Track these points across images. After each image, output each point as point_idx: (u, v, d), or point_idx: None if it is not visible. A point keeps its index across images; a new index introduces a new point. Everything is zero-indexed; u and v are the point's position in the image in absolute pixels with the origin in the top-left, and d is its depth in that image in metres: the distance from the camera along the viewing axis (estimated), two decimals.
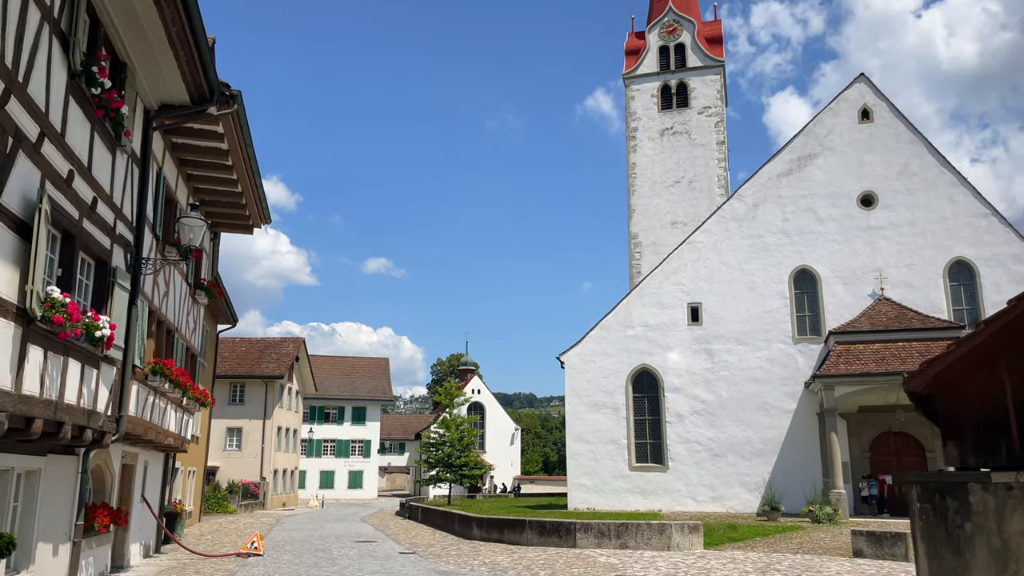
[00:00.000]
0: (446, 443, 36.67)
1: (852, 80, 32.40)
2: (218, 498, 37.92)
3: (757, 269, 31.64)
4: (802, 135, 32.31)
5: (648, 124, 47.52)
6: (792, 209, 31.76)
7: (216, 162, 14.70)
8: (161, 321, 14.01)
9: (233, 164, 14.65)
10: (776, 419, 30.19)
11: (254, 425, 44.39)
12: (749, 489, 29.93)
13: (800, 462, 29.39)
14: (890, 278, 30.05)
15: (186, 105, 12.08)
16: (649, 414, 31.78)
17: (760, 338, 30.98)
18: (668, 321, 32.08)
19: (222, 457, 43.55)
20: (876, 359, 27.26)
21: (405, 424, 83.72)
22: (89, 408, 9.87)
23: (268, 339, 48.92)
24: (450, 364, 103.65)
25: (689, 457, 30.78)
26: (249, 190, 16.01)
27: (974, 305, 29.24)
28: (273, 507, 44.77)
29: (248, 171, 15.05)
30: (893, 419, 28.63)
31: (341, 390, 66.15)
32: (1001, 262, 29.19)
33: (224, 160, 14.42)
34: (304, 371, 51.98)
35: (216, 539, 22.24)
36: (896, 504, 28.02)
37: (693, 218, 43.22)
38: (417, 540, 21.70)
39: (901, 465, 28.93)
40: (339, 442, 65.50)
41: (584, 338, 32.86)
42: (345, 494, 64.14)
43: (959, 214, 29.93)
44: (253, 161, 14.86)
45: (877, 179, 31.04)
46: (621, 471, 31.34)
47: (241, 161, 14.57)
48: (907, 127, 31.12)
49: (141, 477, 15.55)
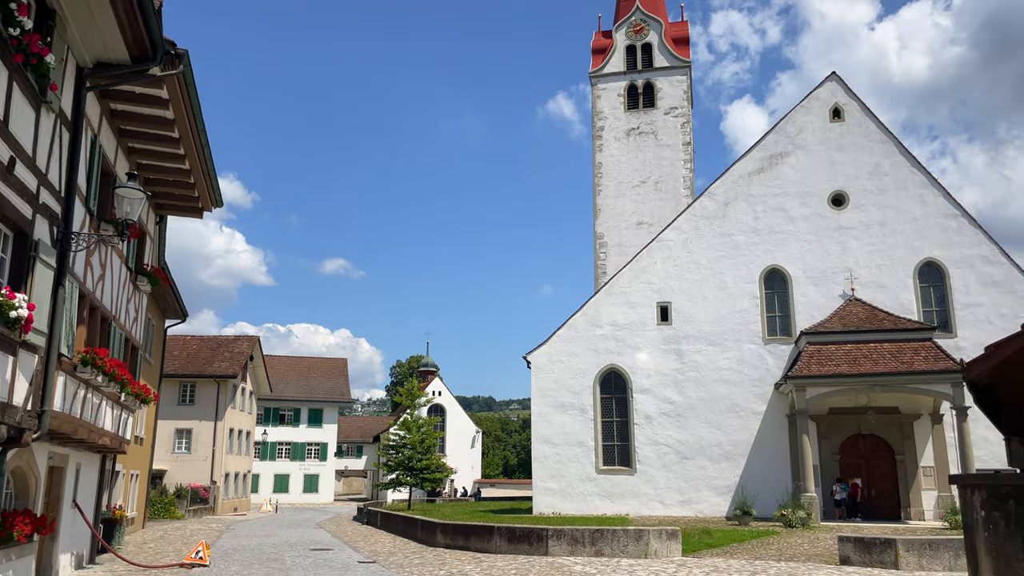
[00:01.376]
0: (407, 445, 35.39)
1: (823, 79, 32.07)
2: (165, 503, 36.12)
3: (727, 268, 31.07)
4: (773, 133, 31.87)
5: (615, 124, 46.91)
6: (763, 208, 31.27)
7: (161, 134, 13.36)
8: (95, 307, 12.62)
9: (180, 137, 13.33)
10: (746, 421, 29.62)
11: (205, 427, 42.50)
12: (718, 492, 29.28)
13: (769, 465, 28.85)
14: (860, 279, 29.71)
15: (125, 64, 10.79)
16: (617, 415, 30.96)
17: (730, 338, 30.39)
18: (637, 320, 31.32)
19: (170, 460, 41.59)
20: (848, 360, 26.80)
21: (363, 426, 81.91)
22: (3, 400, 8.54)
23: (221, 337, 47.03)
24: (410, 366, 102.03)
25: (657, 460, 30.03)
26: (198, 167, 14.67)
27: (944, 307, 29.04)
28: (224, 512, 42.93)
29: (197, 145, 13.74)
30: (863, 421, 28.27)
31: (297, 391, 64.30)
32: (971, 263, 29.03)
33: (170, 131, 13.10)
34: (259, 371, 50.12)
35: (159, 548, 20.70)
36: (868, 508, 27.63)
37: (659, 219, 42.84)
38: (377, 548, 20.46)
39: (871, 468, 28.60)
40: (294, 445, 63.62)
41: (551, 337, 31.92)
42: (300, 498, 62.29)
43: (929, 215, 29.73)
44: (203, 134, 13.56)
45: (848, 179, 30.71)
46: (588, 474, 30.44)
47: (189, 134, 13.26)
48: (878, 127, 30.86)
49: (72, 481, 14.09)
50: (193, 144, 13.62)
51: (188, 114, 12.65)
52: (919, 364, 25.86)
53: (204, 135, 13.61)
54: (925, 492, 27.59)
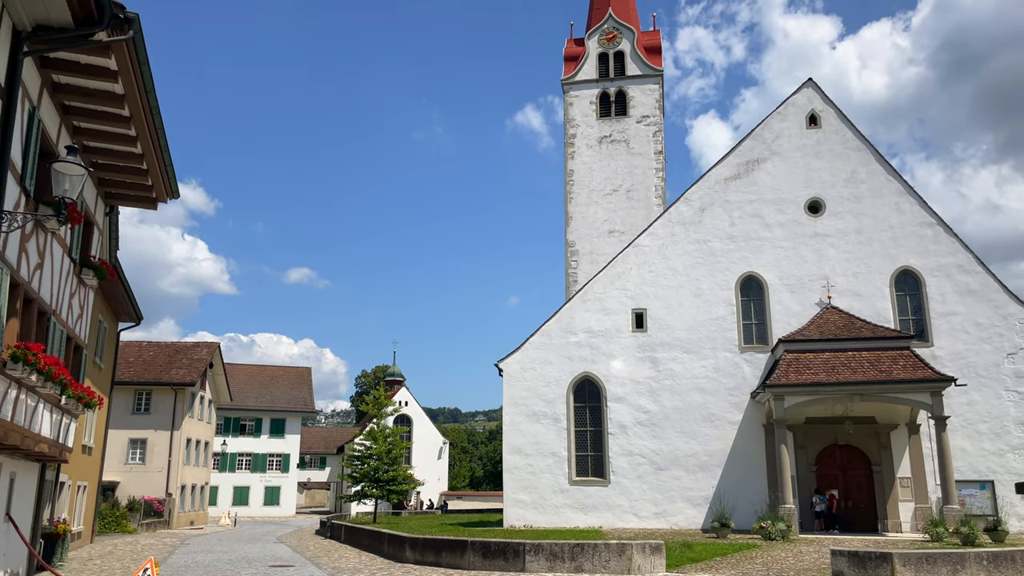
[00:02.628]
0: (373, 456, 34.12)
1: (800, 85, 31.78)
2: (116, 516, 34.40)
3: (704, 275, 30.49)
4: (750, 139, 31.46)
5: (586, 131, 46.42)
6: (739, 214, 30.79)
7: (110, 111, 12.24)
8: (31, 299, 11.43)
9: (131, 115, 12.21)
10: (722, 430, 28.97)
11: (161, 436, 40.76)
12: (693, 504, 28.55)
13: (745, 476, 28.21)
14: (837, 286, 29.32)
15: (68, 27, 9.72)
16: (591, 425, 30.11)
17: (706, 346, 29.77)
18: (612, 327, 30.58)
19: (123, 471, 39.78)
20: (826, 369, 26.32)
21: (327, 437, 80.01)
22: None
23: (179, 343, 45.28)
24: (375, 376, 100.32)
25: (632, 471, 29.22)
26: (152, 151, 13.53)
27: (920, 315, 28.75)
28: (180, 526, 41.15)
29: (150, 125, 12.62)
30: (840, 431, 27.80)
31: (259, 400, 62.45)
32: (947, 272, 28.81)
33: (119, 108, 11.98)
34: (219, 379, 48.42)
35: (105, 565, 19.29)
36: (844, 519, 27.11)
37: (631, 227, 42.52)
38: (341, 564, 19.28)
39: (847, 479, 28.11)
40: (255, 456, 61.70)
41: (524, 344, 31.02)
42: (261, 511, 60.37)
43: (905, 223, 29.48)
44: (156, 113, 12.45)
45: (824, 186, 30.38)
46: (561, 486, 29.51)
47: (141, 112, 12.15)
48: (854, 134, 30.61)
49: (5, 492, 12.81)
50: (145, 123, 12.50)
51: (139, 89, 11.56)
52: (898, 373, 25.45)
53: (158, 114, 12.51)
54: (902, 503, 27.15)
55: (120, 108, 11.96)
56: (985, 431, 27.15)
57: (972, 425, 27.19)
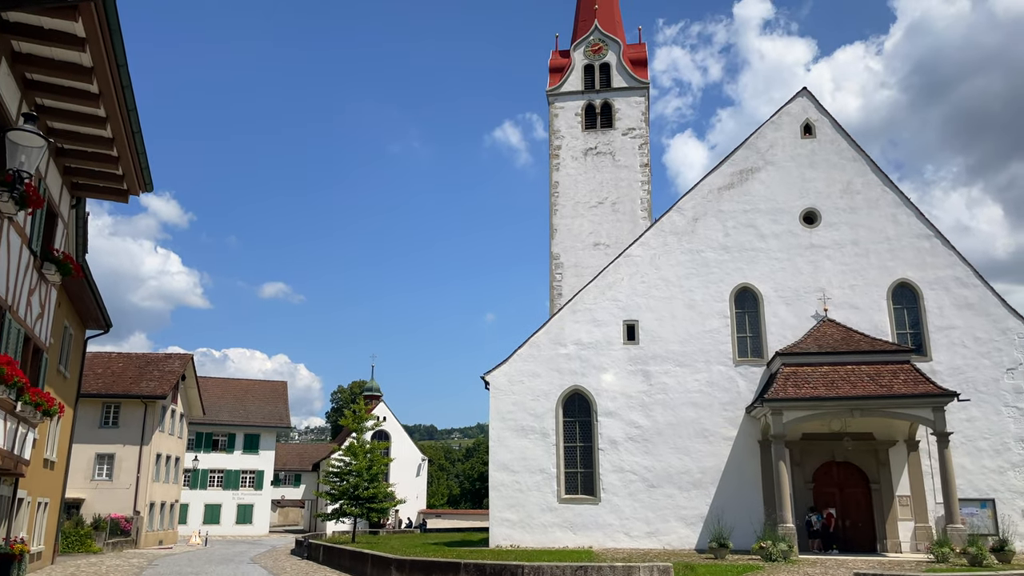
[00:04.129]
0: (352, 472, 32.73)
1: (795, 94, 31.26)
2: (80, 535, 32.74)
3: (697, 286, 29.69)
4: (744, 148, 30.82)
5: (572, 143, 45.80)
6: (733, 224, 30.08)
7: (78, 88, 11.11)
8: None
9: (101, 92, 11.09)
10: (716, 446, 28.04)
11: (129, 451, 39.04)
12: (687, 523, 27.53)
13: (740, 493, 27.29)
14: (833, 299, 28.63)
15: None
16: (581, 440, 29.05)
17: (700, 359, 28.90)
18: (603, 339, 29.62)
19: (88, 488, 37.98)
20: (825, 383, 25.53)
21: (302, 453, 78.06)
22: None
23: (150, 355, 43.63)
24: (352, 391, 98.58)
25: (623, 488, 28.17)
26: (123, 135, 12.39)
27: (918, 329, 28.11)
28: (148, 545, 39.36)
29: (121, 104, 11.50)
30: (837, 447, 26.96)
31: (233, 415, 60.66)
32: (945, 285, 28.24)
33: (88, 83, 10.86)
34: (191, 392, 46.74)
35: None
36: (842, 539, 26.22)
37: (616, 240, 41.96)
38: None
39: (845, 497, 27.26)
40: (228, 472, 59.79)
41: (512, 356, 29.95)
42: (233, 530, 58.40)
43: (902, 235, 28.92)
44: (128, 91, 11.34)
45: (820, 196, 29.79)
46: (549, 504, 28.36)
47: (112, 89, 11.04)
48: (850, 144, 30.09)
49: None
50: (116, 102, 11.38)
51: (110, 62, 10.46)
52: (899, 388, 24.72)
53: (130, 92, 11.39)
54: (901, 522, 26.34)
55: (88, 83, 10.84)
56: (985, 448, 26.47)
57: (972, 442, 26.51)
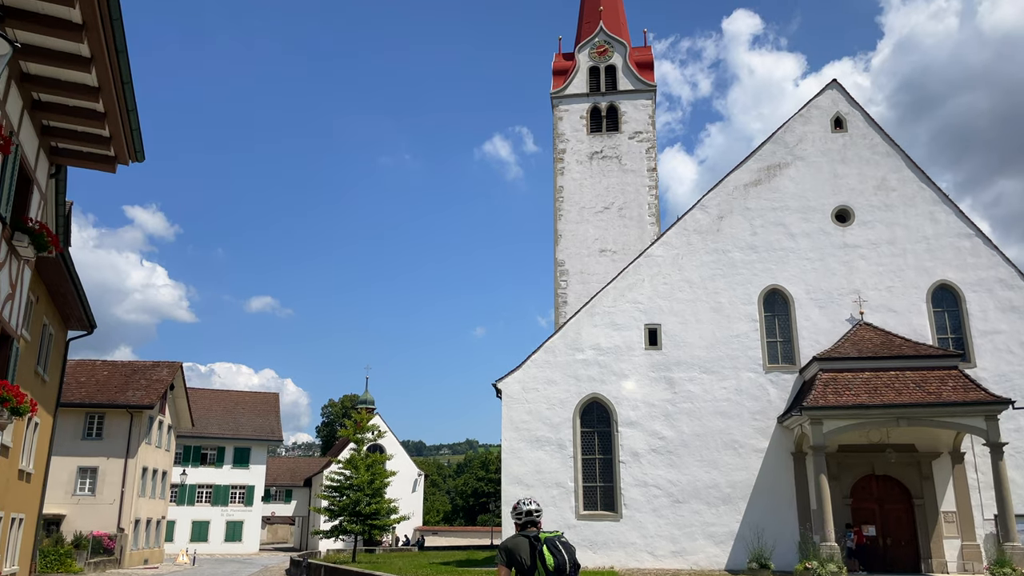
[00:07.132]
0: (353, 486, 30.63)
1: (824, 86, 29.73)
2: (59, 554, 30.42)
3: (723, 288, 27.92)
4: (771, 142, 29.19)
5: (577, 147, 44.14)
6: (761, 223, 28.38)
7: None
8: None
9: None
10: (746, 459, 26.19)
11: (113, 465, 36.77)
12: (716, 541, 25.62)
13: (773, 510, 25.42)
14: (869, 301, 26.93)
15: None
16: (600, 452, 27.12)
17: (727, 366, 27.10)
18: (623, 344, 27.78)
19: (69, 503, 35.68)
20: (868, 390, 23.75)
21: (294, 468, 75.56)
22: None
23: (136, 363, 41.40)
24: (343, 405, 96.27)
25: (646, 503, 26.24)
26: (112, 92, 10.50)
27: (960, 333, 26.44)
28: (132, 565, 37.03)
29: (108, 43, 9.61)
30: (877, 460, 25.16)
31: (222, 428, 58.34)
32: (987, 287, 26.61)
33: (76, 38, 8.97)
34: (180, 403, 44.50)
35: None
36: (883, 558, 24.38)
37: (623, 246, 40.36)
38: None
39: (885, 513, 25.44)
40: (217, 487, 57.37)
41: (526, 362, 28.05)
42: (221, 548, 55.93)
43: (941, 234, 27.30)
44: (118, 25, 9.45)
45: (852, 193, 28.15)
46: (567, 520, 26.34)
47: (101, 38, 9.15)
48: (883, 139, 28.52)
49: None
50: (105, 52, 9.49)
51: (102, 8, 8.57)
52: (948, 395, 22.97)
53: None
54: (947, 540, 24.53)
55: (77, 38, 8.96)
56: None
57: (1022, 454, 24.78)
